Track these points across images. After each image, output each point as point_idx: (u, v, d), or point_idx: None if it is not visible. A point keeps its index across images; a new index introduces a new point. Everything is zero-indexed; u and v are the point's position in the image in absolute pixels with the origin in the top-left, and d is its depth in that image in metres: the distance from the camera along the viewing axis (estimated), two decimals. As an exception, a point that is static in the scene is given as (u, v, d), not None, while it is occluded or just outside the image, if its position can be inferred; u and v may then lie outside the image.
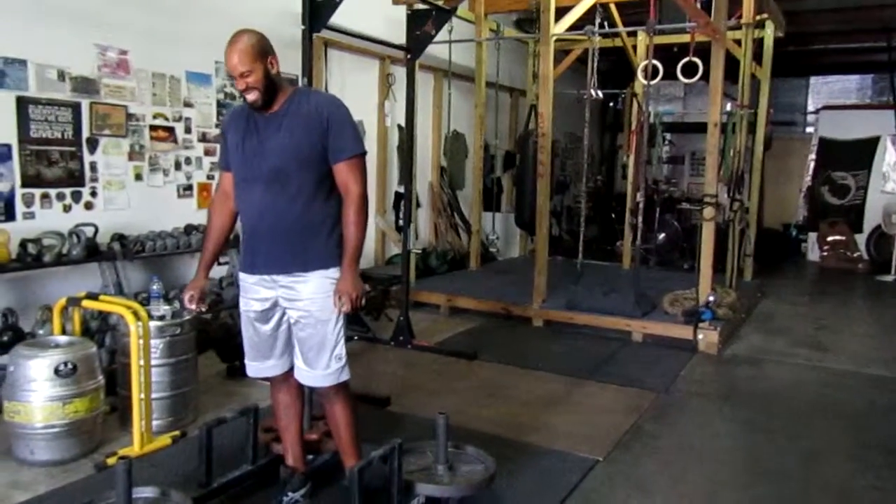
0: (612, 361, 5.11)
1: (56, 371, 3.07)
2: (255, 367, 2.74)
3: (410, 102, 5.23)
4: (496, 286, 6.84)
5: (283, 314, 2.63)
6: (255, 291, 2.63)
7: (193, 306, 2.72)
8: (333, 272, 2.56)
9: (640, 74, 6.71)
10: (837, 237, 10.51)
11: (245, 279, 2.66)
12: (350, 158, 2.53)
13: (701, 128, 6.25)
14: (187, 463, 3.06)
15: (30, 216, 4.24)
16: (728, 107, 6.77)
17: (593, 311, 5.81)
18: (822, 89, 13.13)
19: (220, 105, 5.45)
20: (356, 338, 5.26)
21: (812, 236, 10.87)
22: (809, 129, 12.47)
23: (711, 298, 5.61)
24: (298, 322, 2.58)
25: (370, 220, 7.11)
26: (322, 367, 2.59)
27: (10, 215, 4.14)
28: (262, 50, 2.46)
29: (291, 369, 2.71)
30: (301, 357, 2.63)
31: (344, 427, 2.70)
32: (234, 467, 2.94)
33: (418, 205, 7.64)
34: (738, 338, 5.89)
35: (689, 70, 5.95)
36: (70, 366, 3.09)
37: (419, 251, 7.45)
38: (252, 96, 2.47)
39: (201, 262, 2.76)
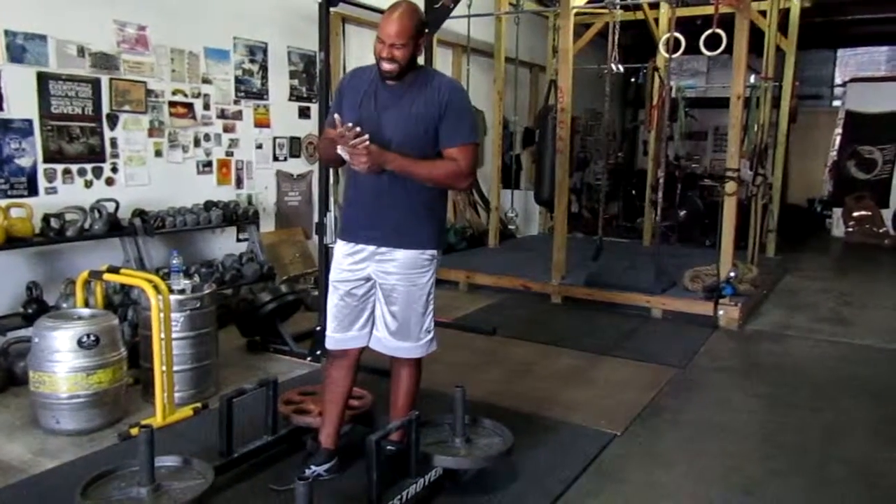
0: (631, 337, 5.08)
1: (79, 342, 3.12)
2: (336, 339, 2.72)
3: (428, 77, 5.17)
4: (515, 263, 6.81)
5: (373, 286, 2.66)
6: (350, 260, 2.65)
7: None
8: (430, 252, 2.63)
9: (662, 48, 6.56)
10: (863, 212, 10.34)
11: (342, 247, 2.67)
12: (460, 145, 2.53)
13: (724, 103, 6.13)
14: (209, 433, 3.10)
15: (52, 191, 4.28)
16: (752, 79, 6.63)
17: (612, 287, 5.78)
18: (850, 61, 12.78)
19: (237, 81, 5.45)
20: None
21: (837, 212, 10.70)
22: (836, 103, 12.18)
23: (732, 274, 5.55)
24: (390, 295, 2.63)
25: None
26: (413, 340, 2.69)
27: (32, 190, 4.18)
28: (420, 30, 2.48)
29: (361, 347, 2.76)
30: (389, 329, 2.67)
31: (405, 394, 2.79)
32: (254, 438, 2.97)
33: (437, 181, 7.59)
34: (759, 314, 5.83)
35: (713, 43, 5.80)
36: (93, 337, 3.14)
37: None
38: (391, 66, 2.46)
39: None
